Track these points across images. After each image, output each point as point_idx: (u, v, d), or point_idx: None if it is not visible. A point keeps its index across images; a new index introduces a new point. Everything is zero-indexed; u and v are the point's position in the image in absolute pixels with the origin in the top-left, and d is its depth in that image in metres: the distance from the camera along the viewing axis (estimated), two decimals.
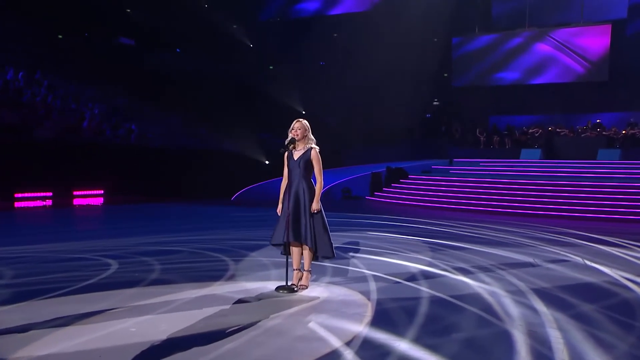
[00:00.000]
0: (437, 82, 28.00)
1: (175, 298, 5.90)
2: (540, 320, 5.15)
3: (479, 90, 25.98)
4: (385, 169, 20.55)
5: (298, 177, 6.30)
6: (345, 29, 28.85)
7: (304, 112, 28.96)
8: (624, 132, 21.46)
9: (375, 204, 18.73)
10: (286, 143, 6.41)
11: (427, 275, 7.14)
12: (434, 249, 9.34)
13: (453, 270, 7.47)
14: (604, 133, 21.54)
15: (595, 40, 23.41)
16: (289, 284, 6.31)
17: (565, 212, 15.21)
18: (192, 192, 20.11)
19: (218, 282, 6.72)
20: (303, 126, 6.44)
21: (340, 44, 29.18)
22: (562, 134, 22.34)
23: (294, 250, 6.40)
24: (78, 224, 14.33)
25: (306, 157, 6.30)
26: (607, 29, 22.98)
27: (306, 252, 6.35)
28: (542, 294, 6.20)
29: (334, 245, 6.37)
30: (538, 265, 7.90)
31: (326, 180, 22.18)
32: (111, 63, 23.74)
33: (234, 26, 29.70)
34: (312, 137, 6.48)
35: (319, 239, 6.28)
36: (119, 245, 9.79)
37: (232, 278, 6.99)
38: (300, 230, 6.21)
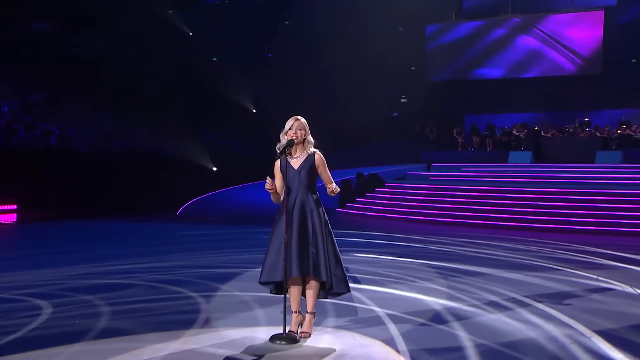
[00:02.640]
0: (405, 76, 27.60)
1: (138, 358, 4.91)
2: None
3: (455, 85, 25.71)
4: (355, 176, 19.85)
5: (302, 190, 5.51)
6: (299, 15, 28.17)
7: (254, 110, 28.18)
8: (618, 131, 21.44)
9: (348, 217, 17.95)
10: (282, 148, 5.53)
11: (456, 314, 6.35)
12: (445, 275, 8.63)
13: (485, 306, 6.73)
14: (597, 133, 21.46)
15: (586, 30, 23.41)
16: (288, 330, 5.40)
17: (571, 224, 14.86)
18: (128, 205, 18.96)
19: (191, 331, 5.78)
20: (303, 125, 5.63)
21: (294, 33, 28.47)
22: (550, 134, 22.17)
23: (293, 289, 5.50)
24: None
25: (309, 163, 5.53)
26: (600, 15, 23.00)
27: (312, 290, 5.47)
28: (611, 337, 5.51)
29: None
30: (599, 282, 7.54)
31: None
32: (26, 52, 22.26)
33: (169, 11, 28.54)
34: (312, 138, 5.66)
35: (333, 270, 5.46)
36: (47, 278, 8.62)
37: (208, 323, 6.06)
38: (308, 260, 5.36)
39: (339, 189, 5.52)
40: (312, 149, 5.60)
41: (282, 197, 5.56)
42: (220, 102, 25.71)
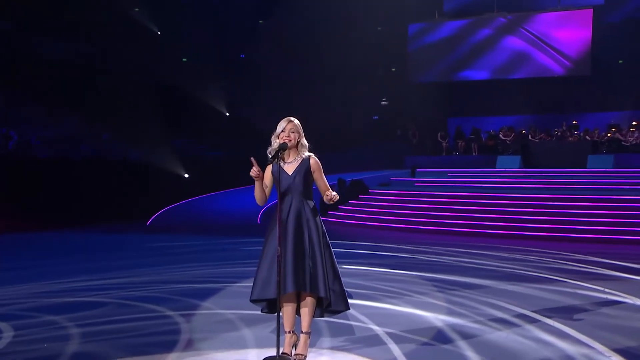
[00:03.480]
0: (386, 78, 27.48)
1: None
2: None
3: (439, 87, 25.58)
4: (337, 182, 19.58)
5: (296, 197, 5.30)
6: (273, 14, 27.94)
7: (228, 114, 27.83)
8: (608, 135, 21.50)
9: (331, 226, 17.54)
10: (275, 152, 5.27)
11: (460, 332, 6.11)
12: (442, 288, 8.41)
13: (490, 323, 6.50)
14: (587, 137, 21.50)
15: (574, 31, 23.44)
16: (281, 353, 5.11)
17: (564, 232, 14.71)
18: (94, 215, 18.46)
19: (173, 354, 5.50)
20: (297, 127, 5.40)
21: (268, 33, 28.21)
22: (538, 138, 22.16)
23: (287, 306, 5.22)
24: None
25: (304, 168, 5.31)
26: (588, 14, 23.06)
27: (308, 308, 5.20)
28: (633, 357, 5.30)
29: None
30: (606, 294, 7.54)
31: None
32: None
33: (136, 9, 28.09)
34: (306, 142, 5.44)
35: (331, 285, 5.20)
36: (5, 297, 8.19)
37: (191, 346, 5.74)
38: (304, 275, 5.10)
39: (337, 197, 5.29)
40: (307, 153, 5.39)
41: (267, 196, 5.33)
42: (192, 106, 25.33)
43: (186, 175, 22.81)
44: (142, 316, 6.93)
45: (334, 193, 5.28)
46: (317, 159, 5.38)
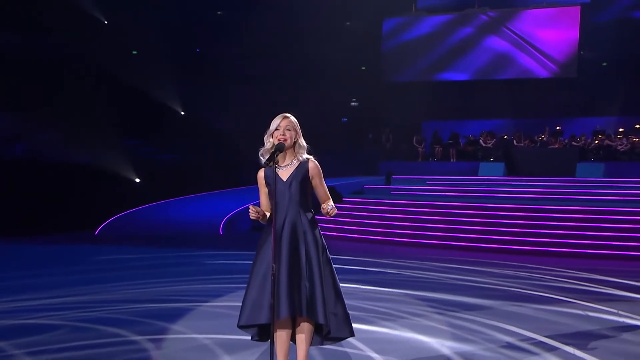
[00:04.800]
0: (355, 77, 27.33)
1: None
2: None
3: (414, 88, 25.52)
4: None
5: (293, 207, 4.98)
6: (232, 4, 27.67)
7: (182, 113, 27.34)
8: (596, 141, 21.63)
9: None
10: (271, 154, 4.96)
11: None
12: (439, 309, 8.18)
13: (503, 350, 6.27)
14: (573, 143, 21.61)
15: (561, 30, 23.60)
16: None
17: (557, 247, 14.63)
18: (34, 223, 17.80)
19: None
20: (293, 125, 5.09)
21: (227, 25, 27.87)
22: (523, 144, 22.21)
23: (281, 333, 4.87)
24: None
25: (302, 173, 5.02)
26: (576, 13, 23.24)
27: (304, 335, 4.87)
28: None
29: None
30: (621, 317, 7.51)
31: (226, 205, 21.07)
32: None
33: None
34: (304, 142, 5.16)
35: (332, 309, 4.89)
36: None
37: None
38: (300, 297, 4.79)
39: (336, 210, 4.98)
40: (305, 155, 5.10)
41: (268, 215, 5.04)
42: (143, 103, 24.75)
43: (137, 180, 22.29)
44: (103, 342, 6.50)
45: (332, 205, 4.98)
46: (316, 162, 5.11)
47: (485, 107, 25.07)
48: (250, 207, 4.93)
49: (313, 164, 5.04)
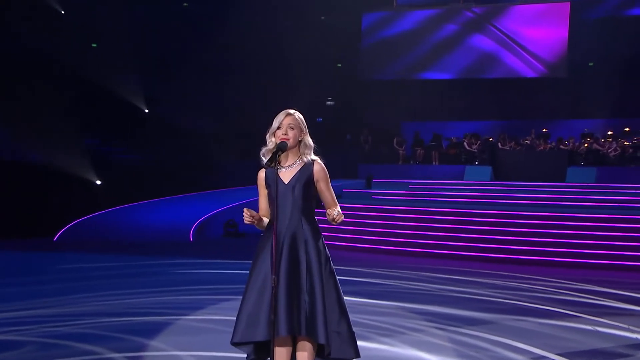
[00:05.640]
0: (331, 75, 27.27)
1: None
2: None
3: (394, 87, 25.52)
4: None
5: (295, 213, 4.79)
6: None
7: (147, 111, 27.01)
8: (585, 145, 21.75)
9: None
10: (272, 154, 4.77)
11: None
12: (438, 323, 8.06)
13: None
14: (561, 146, 21.71)
15: (549, 29, 23.72)
16: None
17: (550, 255, 14.61)
18: None
19: None
20: (297, 122, 4.92)
21: (194, 17, 27.63)
22: (508, 147, 22.25)
23: (280, 352, 4.66)
24: None
25: (306, 176, 4.83)
26: (565, 10, 23.37)
27: (306, 352, 4.67)
28: None
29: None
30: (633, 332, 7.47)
31: (196, 210, 20.80)
32: None
33: None
34: (311, 141, 4.94)
35: (335, 326, 4.68)
36: None
37: None
38: (299, 314, 4.59)
39: (342, 217, 4.79)
40: (311, 157, 4.89)
41: (267, 220, 4.87)
42: (104, 100, 24.44)
43: (98, 182, 21.98)
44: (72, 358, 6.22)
45: (339, 211, 4.79)
46: (323, 164, 4.92)
47: (469, 107, 25.09)
48: (245, 210, 4.72)
49: (319, 166, 4.86)
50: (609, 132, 22.57)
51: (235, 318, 4.66)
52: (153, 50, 27.45)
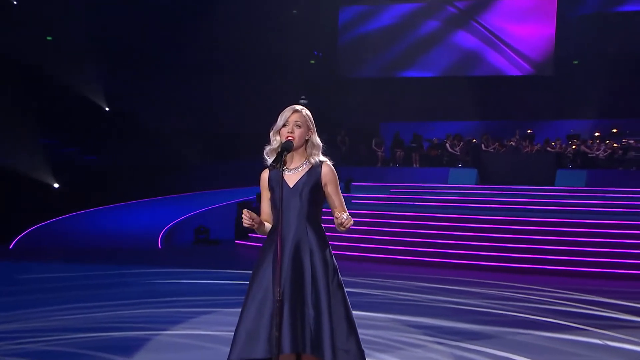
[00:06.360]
0: (304, 72, 27.20)
1: None
2: None
3: (372, 85, 25.53)
4: (255, 197, 18.88)
5: (300, 220, 4.71)
6: None
7: (107, 109, 26.72)
8: (573, 147, 21.85)
9: (250, 253, 16.81)
10: (278, 154, 4.61)
11: None
12: (437, 337, 7.97)
13: None
14: (548, 148, 21.80)
15: (536, 25, 23.87)
16: None
17: (542, 263, 14.53)
18: None
19: None
20: (305, 120, 4.77)
21: (158, 9, 27.40)
22: (492, 148, 22.29)
23: None
24: None
25: (313, 179, 4.68)
26: (552, 5, 23.52)
27: None
28: None
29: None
30: None
31: (164, 215, 20.50)
32: None
33: None
34: (319, 140, 4.78)
35: (344, 344, 4.49)
36: None
37: None
38: (304, 329, 4.43)
39: (352, 222, 4.61)
40: (320, 158, 4.72)
41: (268, 225, 4.72)
42: (62, 97, 24.17)
43: (56, 185, 21.69)
44: None
45: (348, 215, 4.63)
46: (332, 166, 4.74)
47: (451, 107, 25.12)
48: (244, 211, 4.53)
49: (328, 168, 4.69)
50: (596, 134, 22.72)
51: (225, 333, 4.46)
52: (114, 44, 27.18)
